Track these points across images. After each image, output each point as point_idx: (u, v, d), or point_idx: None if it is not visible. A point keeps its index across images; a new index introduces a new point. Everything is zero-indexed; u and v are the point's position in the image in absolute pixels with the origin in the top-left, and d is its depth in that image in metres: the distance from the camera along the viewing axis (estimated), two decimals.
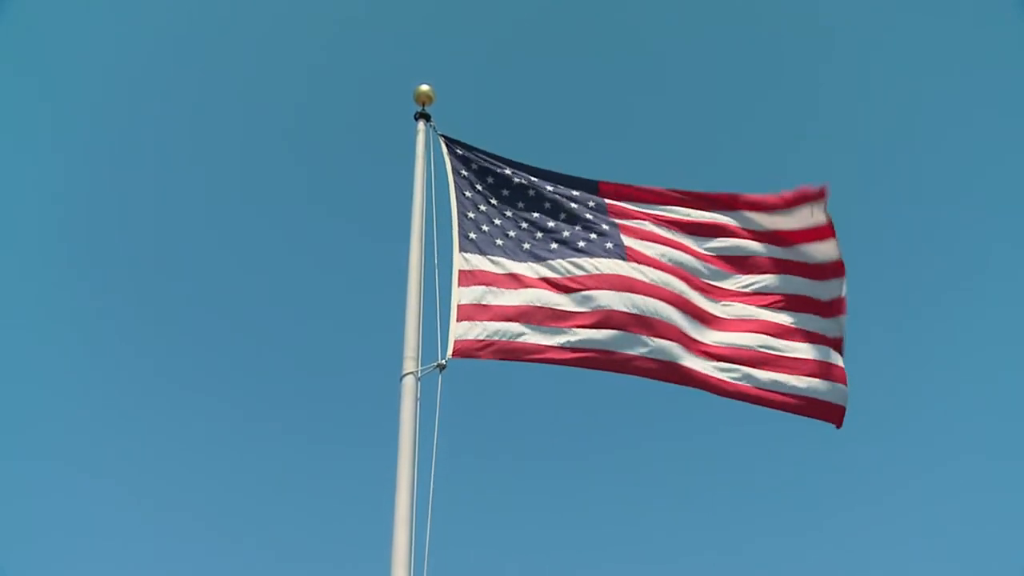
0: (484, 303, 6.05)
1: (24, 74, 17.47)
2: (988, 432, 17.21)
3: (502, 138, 18.85)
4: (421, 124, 7.20)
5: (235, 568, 16.09)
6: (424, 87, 7.38)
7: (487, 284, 6.19)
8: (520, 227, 6.70)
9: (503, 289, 6.19)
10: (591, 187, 6.99)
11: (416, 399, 5.46)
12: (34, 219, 17.97)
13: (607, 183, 7.00)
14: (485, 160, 7.07)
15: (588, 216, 6.78)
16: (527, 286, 6.26)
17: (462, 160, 7.06)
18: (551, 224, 6.74)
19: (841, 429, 6.44)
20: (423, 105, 7.33)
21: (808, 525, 17.60)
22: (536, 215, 6.81)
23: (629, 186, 6.98)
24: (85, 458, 16.72)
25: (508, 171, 6.96)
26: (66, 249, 18.41)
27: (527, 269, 6.40)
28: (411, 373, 5.51)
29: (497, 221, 6.71)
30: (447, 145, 7.15)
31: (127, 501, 16.48)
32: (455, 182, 6.85)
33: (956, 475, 17.00)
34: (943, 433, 18.22)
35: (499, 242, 6.56)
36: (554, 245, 6.61)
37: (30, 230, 17.81)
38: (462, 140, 7.21)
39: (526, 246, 6.59)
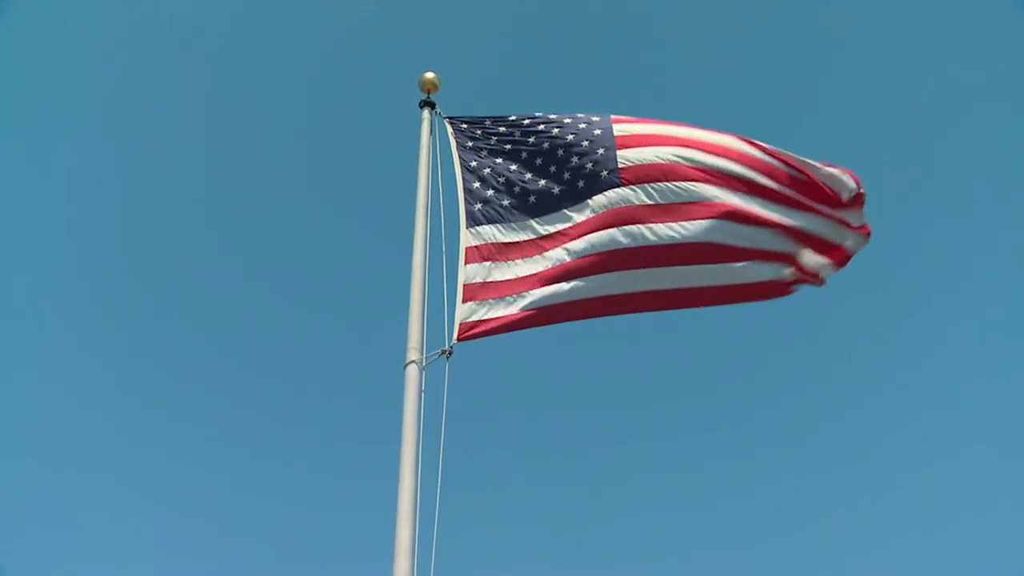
0: (490, 280, 5.97)
1: (25, 73, 17.45)
2: (985, 430, 17.11)
3: None
4: (426, 112, 7.08)
5: (237, 563, 15.98)
6: (429, 75, 7.27)
7: (492, 260, 6.12)
8: (524, 180, 6.59)
9: (506, 262, 6.13)
10: (603, 119, 6.82)
11: (420, 389, 5.27)
12: (34, 215, 17.92)
13: (620, 117, 6.84)
14: (488, 122, 6.97)
15: (586, 143, 6.60)
16: (527, 253, 6.19)
17: (466, 134, 6.95)
18: (552, 169, 6.61)
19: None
20: (428, 93, 7.22)
21: (810, 525, 17.47)
22: (539, 161, 6.68)
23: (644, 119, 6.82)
24: (85, 457, 16.64)
25: (512, 123, 6.87)
26: (67, 243, 18.35)
27: (529, 231, 6.33)
28: (414, 362, 5.35)
29: (502, 179, 6.62)
30: (451, 125, 7.03)
31: (127, 499, 16.37)
32: (460, 156, 6.74)
33: (955, 473, 16.89)
34: (941, 431, 18.13)
35: (506, 202, 6.49)
36: (557, 190, 6.49)
37: (30, 227, 17.76)
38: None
39: (531, 200, 6.47)
